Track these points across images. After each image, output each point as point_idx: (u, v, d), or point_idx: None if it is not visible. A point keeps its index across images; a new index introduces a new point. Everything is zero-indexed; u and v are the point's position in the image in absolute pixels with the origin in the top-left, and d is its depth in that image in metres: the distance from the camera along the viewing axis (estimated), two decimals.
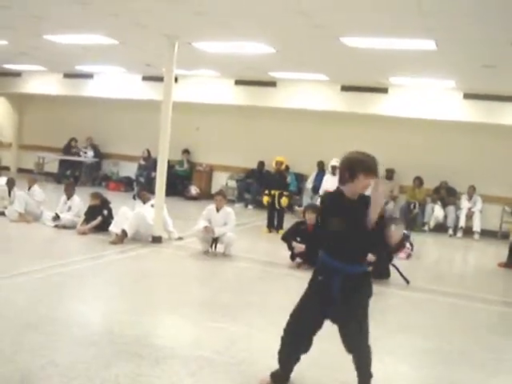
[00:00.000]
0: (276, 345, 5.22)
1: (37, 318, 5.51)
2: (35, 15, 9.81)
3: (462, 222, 14.50)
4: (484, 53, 9.55)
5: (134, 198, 11.87)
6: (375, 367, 4.44)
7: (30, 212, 11.02)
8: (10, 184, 11.71)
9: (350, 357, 4.47)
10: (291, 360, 4.51)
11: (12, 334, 5.00)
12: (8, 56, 15.35)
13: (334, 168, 12.01)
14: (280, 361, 4.51)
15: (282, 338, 4.48)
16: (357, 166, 4.11)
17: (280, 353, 4.50)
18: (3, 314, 5.57)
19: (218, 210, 9.49)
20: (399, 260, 9.95)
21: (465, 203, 14.65)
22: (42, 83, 18.77)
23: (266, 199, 12.64)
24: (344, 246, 4.16)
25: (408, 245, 10.82)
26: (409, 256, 10.66)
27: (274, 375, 4.53)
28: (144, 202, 10.45)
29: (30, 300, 6.16)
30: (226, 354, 4.99)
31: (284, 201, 12.44)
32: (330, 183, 11.98)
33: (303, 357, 4.54)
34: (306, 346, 4.47)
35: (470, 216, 14.54)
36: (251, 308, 6.64)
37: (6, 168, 19.95)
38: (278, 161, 12.91)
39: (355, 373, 4.40)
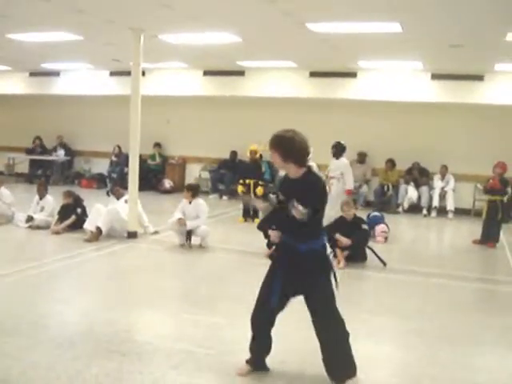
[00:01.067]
0: None
1: (14, 321, 5.46)
2: None
3: (436, 202, 14.61)
4: (450, 32, 9.58)
5: (107, 194, 11.78)
6: (357, 350, 4.47)
7: (1, 214, 10.87)
8: None
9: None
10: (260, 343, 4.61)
11: None
12: None
13: None
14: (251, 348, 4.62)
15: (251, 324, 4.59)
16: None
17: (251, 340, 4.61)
18: None
19: (190, 202, 9.48)
20: (376, 243, 10.03)
21: (438, 183, 14.76)
22: (7, 83, 18.50)
23: (240, 188, 12.61)
24: (288, 223, 4.28)
25: (385, 227, 10.89)
26: (386, 239, 10.73)
27: (250, 361, 4.58)
28: (118, 198, 10.38)
29: (7, 303, 6.09)
30: (206, 345, 4.99)
31: (259, 190, 12.42)
32: None
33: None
34: (270, 325, 4.59)
35: (443, 195, 14.66)
36: (229, 298, 6.64)
37: None
38: (252, 150, 12.88)
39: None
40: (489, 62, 12.27)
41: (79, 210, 10.36)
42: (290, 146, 4.29)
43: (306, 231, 4.27)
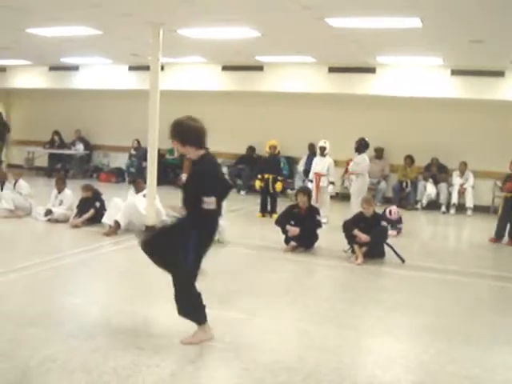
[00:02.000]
0: (273, 328, 5.24)
1: (33, 313, 5.50)
2: (17, 8, 9.70)
3: (455, 199, 14.52)
4: (471, 28, 9.50)
5: (129, 183, 11.81)
6: (374, 346, 4.45)
7: (20, 207, 10.95)
8: (2, 179, 11.63)
9: (350, 341, 4.45)
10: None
11: (9, 330, 4.99)
12: None
13: (321, 149, 11.99)
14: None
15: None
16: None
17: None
18: (0, 310, 5.56)
19: None
20: (392, 238, 9.99)
21: (457, 180, 14.66)
22: (27, 77, 18.63)
23: (258, 184, 12.60)
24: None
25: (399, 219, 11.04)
26: (399, 232, 10.77)
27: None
28: (137, 192, 10.39)
29: (26, 296, 6.14)
30: (223, 340, 4.99)
31: (278, 186, 12.42)
32: (319, 164, 11.95)
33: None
34: None
35: (462, 192, 14.56)
36: (247, 293, 6.64)
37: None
38: (271, 145, 12.85)
39: (356, 356, 4.40)
40: (509, 57, 12.14)
41: (98, 204, 10.40)
42: (186, 130, 4.91)
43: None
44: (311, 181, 12.01)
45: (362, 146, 11.47)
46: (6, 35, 12.49)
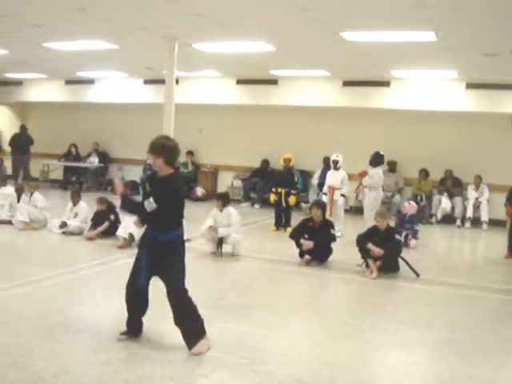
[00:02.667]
0: (288, 342, 5.23)
1: (47, 325, 5.51)
2: (34, 23, 9.82)
3: (470, 213, 14.44)
4: (485, 41, 9.50)
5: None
6: (389, 360, 4.43)
7: (35, 219, 11.02)
8: (20, 191, 11.73)
9: (365, 356, 4.42)
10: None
11: (24, 342, 5.00)
12: (9, 65, 15.37)
13: (334, 162, 12.00)
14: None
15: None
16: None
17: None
18: (14, 322, 5.57)
19: (221, 211, 9.48)
20: (410, 251, 9.99)
21: (471, 193, 14.58)
22: (43, 91, 18.81)
23: (272, 197, 12.59)
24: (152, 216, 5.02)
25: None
26: (415, 235, 11.12)
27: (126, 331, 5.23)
28: None
29: (40, 308, 6.16)
30: (237, 353, 4.98)
31: (292, 199, 12.40)
32: (333, 178, 11.95)
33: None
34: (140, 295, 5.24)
35: (477, 206, 14.48)
36: (261, 307, 6.63)
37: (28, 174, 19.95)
38: (286, 158, 12.83)
39: (371, 370, 4.37)
40: None
41: (112, 217, 10.44)
42: (171, 151, 5.01)
43: (166, 223, 5.05)
44: (325, 194, 12.01)
45: (375, 160, 11.45)
46: (23, 49, 12.64)
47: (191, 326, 5.05)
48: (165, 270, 5.07)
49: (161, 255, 5.04)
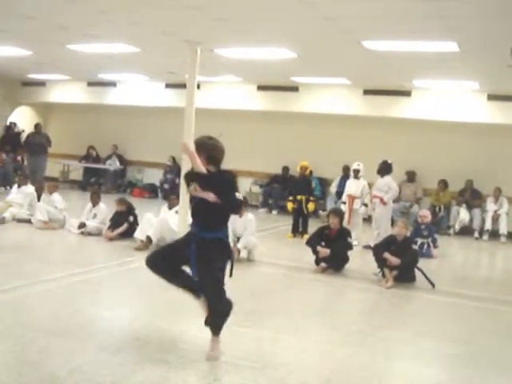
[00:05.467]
0: (301, 349, 5.22)
1: (63, 324, 5.56)
2: (59, 25, 9.92)
3: (488, 225, 14.35)
4: (508, 52, 9.44)
5: (164, 198, 11.90)
6: (402, 370, 4.42)
7: (54, 219, 11.11)
8: (40, 190, 11.84)
9: (378, 365, 4.41)
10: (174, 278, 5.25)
11: (40, 340, 5.04)
12: (32, 66, 15.52)
13: (355, 171, 11.99)
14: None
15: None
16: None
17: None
18: (31, 321, 5.62)
19: (240, 216, 9.49)
20: (432, 261, 9.95)
21: (491, 206, 14.49)
22: (65, 92, 18.98)
23: (290, 205, 12.59)
24: (196, 213, 5.10)
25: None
26: (435, 243, 11.23)
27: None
28: (170, 208, 10.45)
29: (57, 306, 6.21)
30: (251, 358, 4.98)
31: (311, 206, 12.41)
32: (353, 187, 11.93)
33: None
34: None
35: (496, 218, 14.39)
36: (276, 313, 6.63)
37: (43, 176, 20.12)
38: (302, 166, 12.85)
39: (383, 380, 4.36)
40: None
41: (131, 218, 10.50)
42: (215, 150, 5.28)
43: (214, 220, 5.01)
44: (344, 203, 11.99)
45: (384, 169, 11.36)
46: (47, 51, 12.76)
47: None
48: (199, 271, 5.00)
49: (200, 253, 4.96)
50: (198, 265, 4.93)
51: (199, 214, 5.08)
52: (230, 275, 5.04)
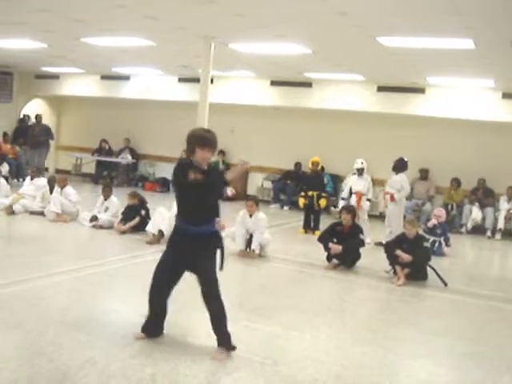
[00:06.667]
0: (312, 345, 5.22)
1: (75, 317, 5.58)
2: (74, 18, 9.92)
3: (501, 224, 14.26)
4: None
5: None
6: (415, 370, 4.40)
7: (66, 211, 11.15)
8: (52, 182, 11.88)
9: (389, 362, 4.40)
10: (157, 307, 5.16)
11: (52, 332, 5.07)
12: (47, 59, 15.56)
13: (359, 170, 12.01)
14: (149, 309, 5.17)
15: (149, 292, 5.17)
16: (194, 140, 4.90)
17: (149, 302, 5.17)
18: (43, 313, 5.65)
19: (250, 216, 9.48)
20: (444, 259, 9.92)
21: (504, 204, 14.40)
22: (79, 85, 19.03)
23: (302, 201, 12.56)
24: (193, 207, 4.98)
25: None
26: (447, 242, 11.27)
27: (144, 328, 5.12)
28: None
29: (69, 299, 6.24)
30: (261, 353, 4.98)
31: (322, 202, 12.39)
32: (360, 184, 11.92)
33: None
34: (166, 294, 5.16)
35: (508, 218, 14.30)
36: (287, 309, 6.63)
37: (45, 169, 20.21)
38: (314, 161, 12.83)
39: (394, 378, 4.35)
40: None
41: (143, 212, 10.51)
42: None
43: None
44: (343, 198, 12.06)
45: (399, 166, 11.29)
46: (62, 44, 12.78)
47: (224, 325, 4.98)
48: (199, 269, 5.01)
49: (196, 249, 4.97)
50: (200, 264, 4.96)
51: (197, 208, 4.98)
52: (221, 269, 5.00)
